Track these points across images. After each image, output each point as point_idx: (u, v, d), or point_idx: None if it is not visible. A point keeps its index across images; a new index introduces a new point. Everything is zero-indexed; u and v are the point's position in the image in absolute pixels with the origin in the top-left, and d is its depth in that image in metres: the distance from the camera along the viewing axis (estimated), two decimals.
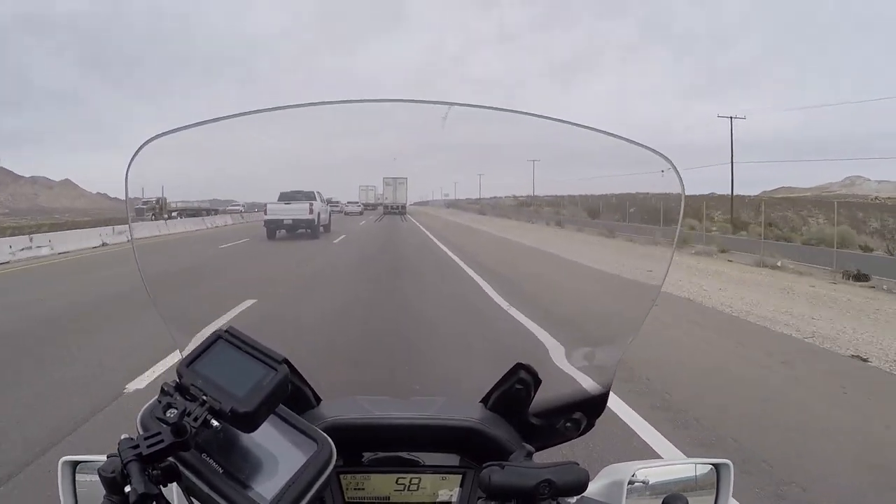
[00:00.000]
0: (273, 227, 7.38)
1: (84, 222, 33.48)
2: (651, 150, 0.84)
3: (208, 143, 0.87)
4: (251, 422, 0.59)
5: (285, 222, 7.16)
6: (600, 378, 0.93)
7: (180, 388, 0.60)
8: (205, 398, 0.58)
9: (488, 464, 0.70)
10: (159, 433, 0.56)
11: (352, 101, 0.87)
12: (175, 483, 0.60)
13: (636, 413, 3.64)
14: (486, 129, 0.94)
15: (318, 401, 0.91)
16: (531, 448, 0.80)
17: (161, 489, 0.56)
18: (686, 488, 0.87)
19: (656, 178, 0.86)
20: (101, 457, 0.72)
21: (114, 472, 0.54)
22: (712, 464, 0.87)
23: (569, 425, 0.92)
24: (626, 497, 0.81)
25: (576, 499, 0.73)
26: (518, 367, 0.89)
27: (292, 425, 0.67)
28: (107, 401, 3.83)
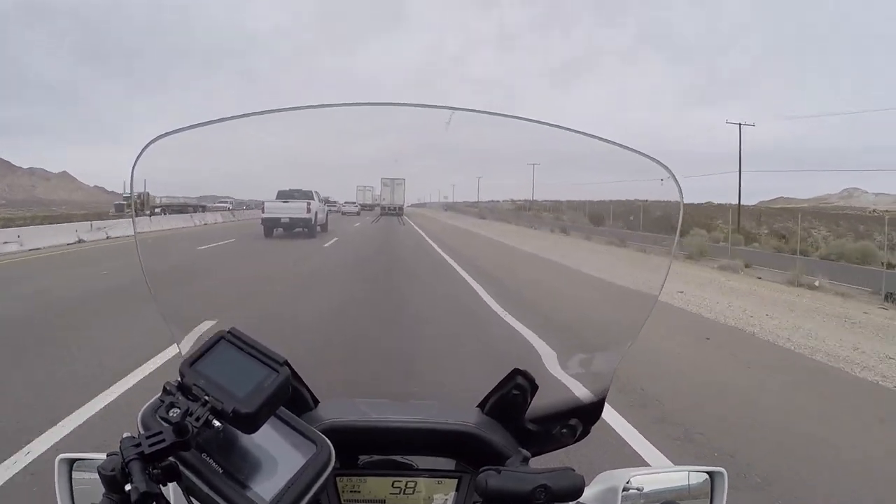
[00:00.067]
0: (270, 226, 7.35)
1: (78, 215, 30.76)
2: (650, 158, 0.84)
3: (209, 142, 0.87)
4: (252, 423, 0.59)
5: (282, 221, 7.12)
6: (596, 385, 0.93)
7: (182, 387, 0.60)
8: (207, 398, 0.58)
9: (485, 468, 0.71)
10: (161, 432, 0.56)
11: (355, 105, 0.87)
12: (175, 482, 0.60)
13: None
14: (486, 133, 0.94)
15: (315, 402, 0.90)
16: (527, 453, 0.80)
17: (161, 488, 0.56)
18: (680, 496, 0.87)
19: (655, 185, 0.86)
20: (98, 454, 0.74)
21: (114, 470, 0.54)
22: (707, 472, 0.87)
23: (564, 431, 0.92)
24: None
25: None
26: (515, 372, 0.89)
27: (292, 427, 0.67)
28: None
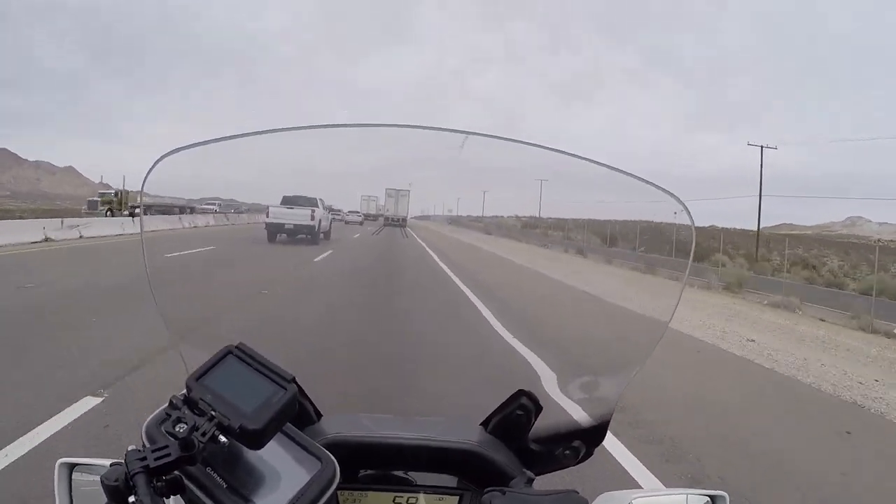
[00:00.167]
0: (274, 231, 7.40)
1: (69, 211, 29.35)
2: (662, 189, 0.84)
3: (217, 154, 0.88)
4: (259, 439, 0.59)
5: (286, 227, 7.15)
6: (601, 408, 0.93)
7: (189, 401, 0.60)
8: (213, 413, 0.58)
9: (490, 489, 0.71)
10: (167, 446, 0.56)
11: (368, 126, 0.88)
12: (178, 496, 0.59)
13: None
14: (494, 151, 0.94)
15: (318, 416, 0.90)
16: (532, 475, 0.80)
17: (164, 501, 0.55)
18: None
19: (661, 207, 0.87)
20: (99, 460, 0.74)
21: (117, 480, 0.54)
22: (708, 495, 0.85)
23: (567, 453, 0.91)
24: None
25: None
26: (520, 393, 0.89)
27: (297, 442, 0.67)
28: None
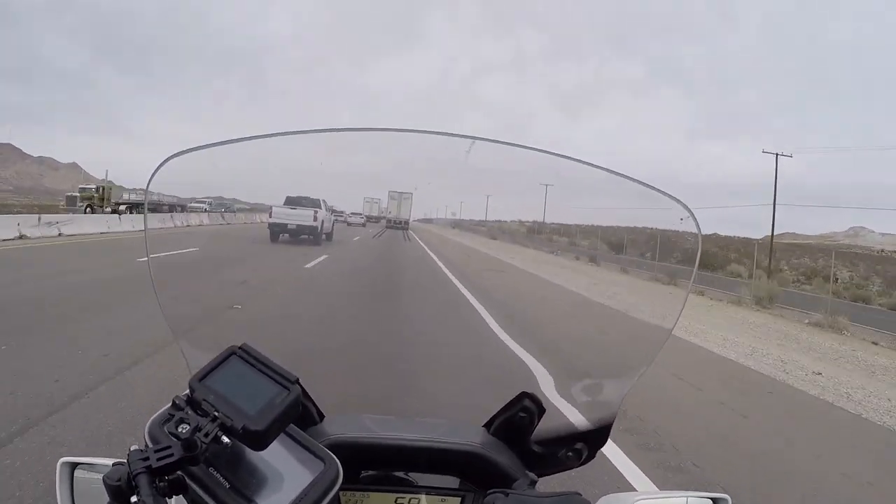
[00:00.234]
0: (277, 231, 7.46)
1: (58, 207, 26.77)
2: (669, 195, 0.84)
3: (222, 156, 0.88)
4: (262, 440, 0.59)
5: (289, 227, 7.20)
6: (604, 411, 0.93)
7: (192, 402, 0.60)
8: (216, 414, 0.58)
9: (492, 491, 0.71)
10: (169, 447, 0.56)
11: (372, 130, 0.88)
12: (181, 496, 0.59)
13: None
14: (499, 156, 0.94)
15: (321, 417, 0.90)
16: (534, 477, 0.81)
17: (167, 501, 0.55)
18: None
19: (669, 215, 0.87)
20: (101, 459, 0.74)
21: (119, 480, 0.54)
22: (711, 498, 0.85)
23: (570, 455, 0.91)
24: None
25: None
26: (523, 395, 0.89)
27: (299, 443, 0.66)
28: None
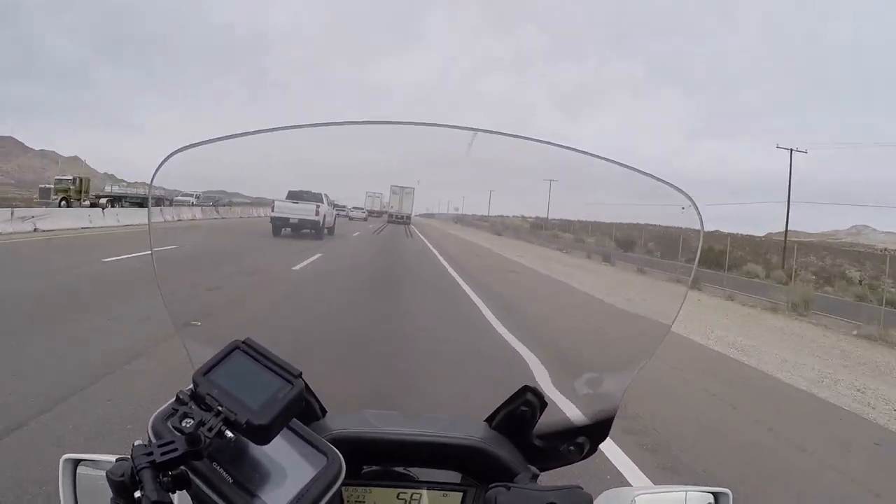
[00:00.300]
0: (279, 225, 7.47)
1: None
2: (671, 185, 0.83)
3: (225, 150, 0.88)
4: (266, 435, 0.59)
5: (291, 221, 7.21)
6: (605, 405, 0.93)
7: (195, 396, 0.60)
8: (220, 409, 0.58)
9: (495, 485, 0.71)
10: (173, 441, 0.56)
11: (375, 122, 0.88)
12: (184, 490, 0.59)
13: None
14: (501, 150, 0.93)
15: (323, 412, 0.90)
16: (536, 471, 0.81)
17: (171, 496, 0.55)
18: None
19: (673, 211, 0.86)
20: (103, 456, 0.74)
21: (123, 475, 0.54)
22: (712, 492, 0.85)
23: (572, 449, 0.91)
24: None
25: None
26: (525, 389, 0.89)
27: (303, 438, 0.67)
28: None
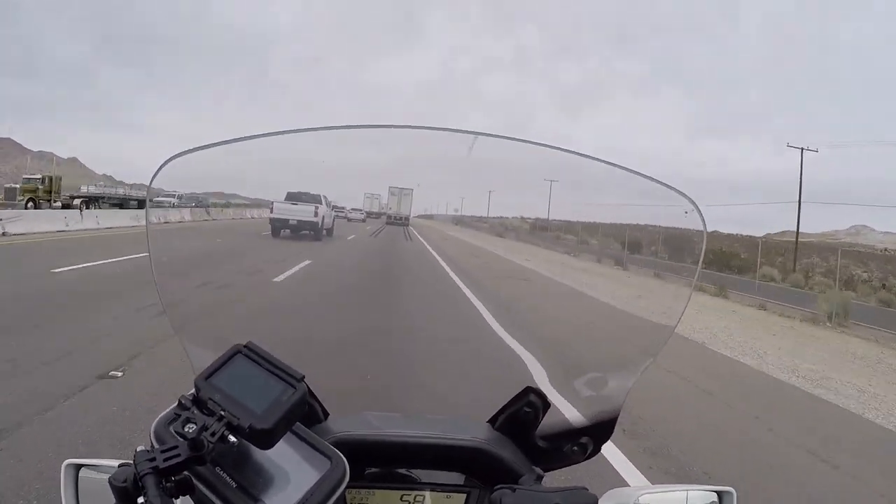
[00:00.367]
0: (278, 226, 7.50)
1: None
2: (674, 189, 0.82)
3: (225, 155, 0.87)
4: (269, 439, 0.59)
5: (290, 222, 7.22)
6: (609, 404, 0.92)
7: (198, 401, 0.60)
8: (223, 413, 0.58)
9: (500, 486, 0.71)
10: (176, 447, 0.55)
11: (373, 127, 0.87)
12: (187, 496, 0.59)
13: None
14: (501, 152, 0.92)
15: (325, 415, 0.89)
16: (541, 472, 0.81)
17: (174, 502, 0.55)
18: None
19: (675, 212, 0.85)
20: (106, 461, 0.74)
21: (125, 481, 0.53)
22: (716, 491, 0.85)
23: (575, 449, 0.91)
24: None
25: None
26: (528, 390, 0.89)
27: (306, 441, 0.66)
28: None
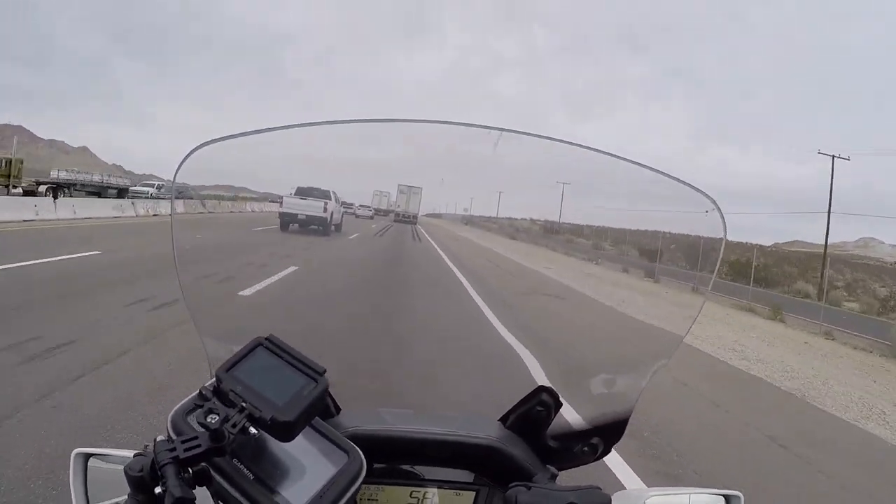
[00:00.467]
0: (287, 221, 7.56)
1: None
2: (693, 187, 0.80)
3: (242, 147, 0.87)
4: (290, 431, 0.59)
5: (299, 217, 7.27)
6: (620, 405, 0.91)
7: (219, 392, 0.60)
8: (244, 405, 0.58)
9: (515, 484, 0.71)
10: (196, 437, 0.55)
11: (394, 121, 0.86)
12: (204, 487, 0.58)
13: None
14: (512, 150, 0.91)
15: (337, 410, 0.89)
16: (555, 471, 0.81)
17: (193, 493, 0.55)
18: None
19: (694, 217, 0.83)
20: (116, 450, 0.74)
21: (142, 471, 0.53)
22: (723, 495, 0.84)
23: (586, 449, 0.91)
24: None
25: None
26: (540, 389, 0.88)
27: (323, 435, 0.66)
28: None
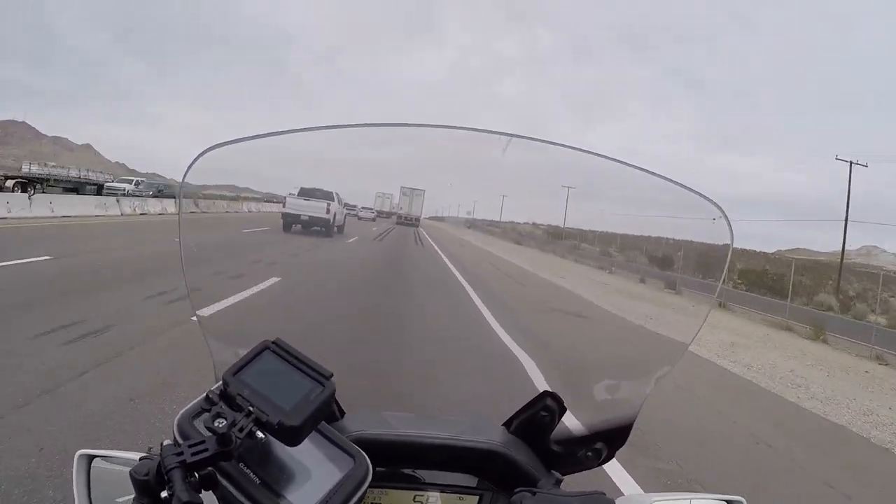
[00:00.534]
0: (290, 221, 7.58)
1: None
2: (701, 195, 0.79)
3: (248, 150, 0.88)
4: (297, 435, 0.59)
5: (302, 218, 7.31)
6: (625, 411, 0.91)
7: (226, 396, 0.60)
8: (251, 409, 0.58)
9: (520, 489, 0.71)
10: (203, 441, 0.55)
11: (402, 125, 0.86)
12: (210, 491, 0.58)
13: None
14: (517, 154, 0.90)
15: (342, 414, 0.89)
16: (560, 476, 0.81)
17: (200, 497, 0.54)
18: None
19: (701, 225, 0.82)
20: (120, 452, 0.74)
21: (147, 474, 0.53)
22: (726, 500, 0.84)
23: (589, 454, 0.90)
24: None
25: None
26: (545, 394, 0.88)
27: (329, 439, 0.66)
28: None
